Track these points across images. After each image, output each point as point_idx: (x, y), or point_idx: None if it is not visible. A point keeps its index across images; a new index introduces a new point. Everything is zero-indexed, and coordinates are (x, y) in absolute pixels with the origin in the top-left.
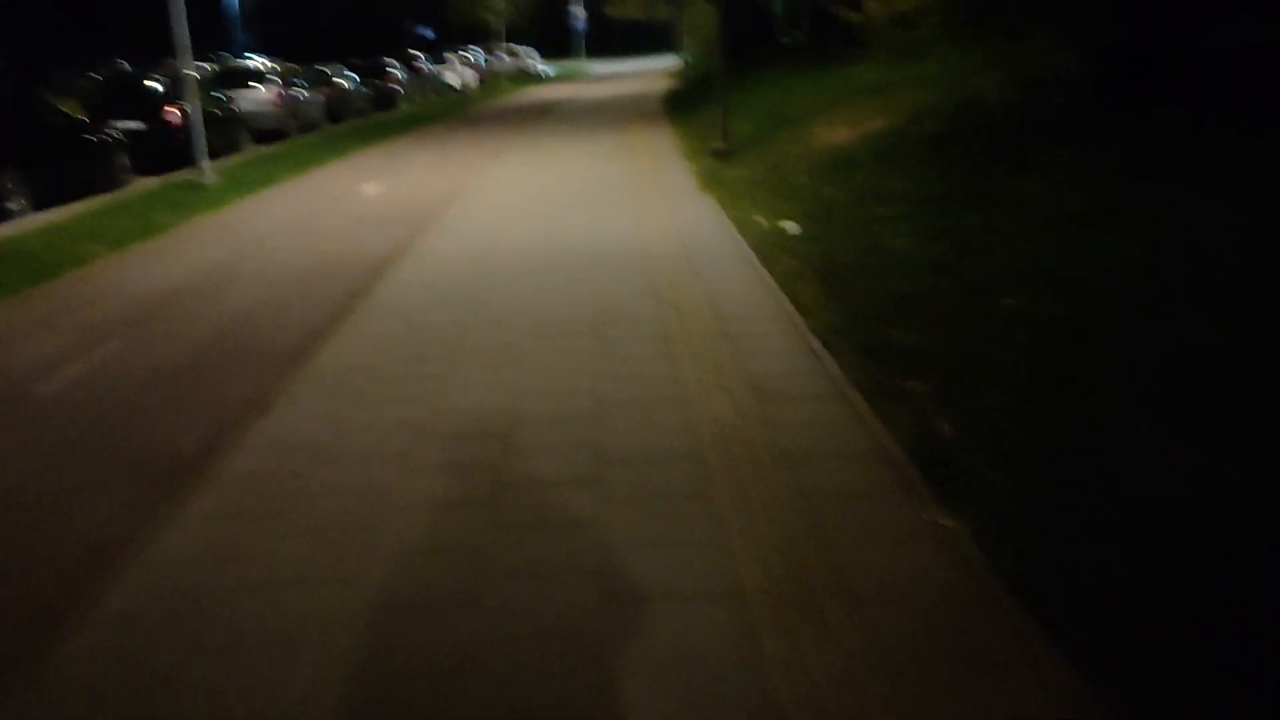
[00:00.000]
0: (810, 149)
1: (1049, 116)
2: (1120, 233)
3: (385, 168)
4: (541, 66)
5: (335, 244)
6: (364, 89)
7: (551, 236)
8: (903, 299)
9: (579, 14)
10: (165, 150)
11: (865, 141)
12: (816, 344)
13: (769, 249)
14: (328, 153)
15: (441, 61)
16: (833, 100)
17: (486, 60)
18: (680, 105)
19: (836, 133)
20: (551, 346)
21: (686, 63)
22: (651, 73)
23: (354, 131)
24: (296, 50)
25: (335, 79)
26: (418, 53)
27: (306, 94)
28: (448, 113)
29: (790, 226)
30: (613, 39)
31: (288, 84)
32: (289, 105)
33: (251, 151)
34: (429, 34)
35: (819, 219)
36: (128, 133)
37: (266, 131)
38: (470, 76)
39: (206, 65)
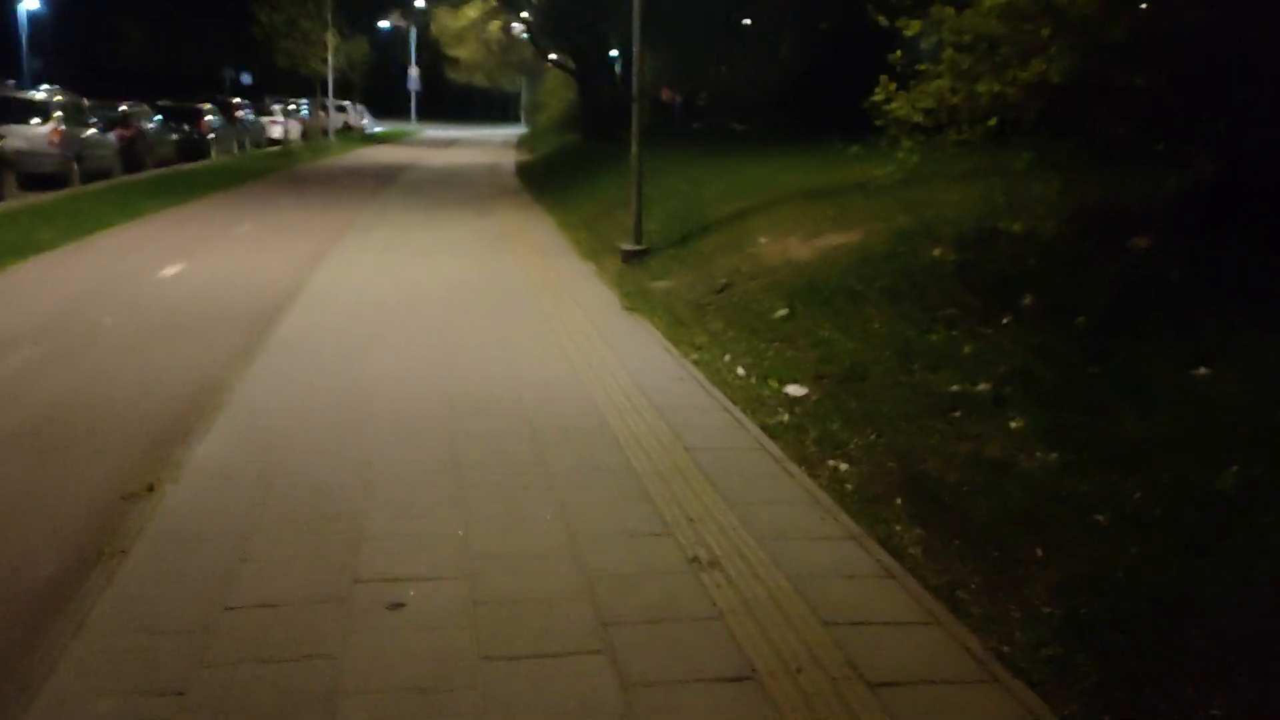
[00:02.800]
0: (762, 265)
1: (1136, 264)
2: None
3: (194, 238)
4: (370, 125)
5: (106, 371)
6: (170, 134)
7: (448, 385)
8: (1087, 585)
9: (415, 74)
10: None
11: (840, 262)
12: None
13: (791, 435)
14: (117, 211)
15: (266, 112)
16: (767, 203)
17: (314, 114)
18: (544, 183)
19: (790, 246)
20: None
21: (531, 134)
22: (493, 142)
23: (155, 184)
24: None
25: (136, 119)
26: (238, 100)
27: (97, 134)
28: (269, 169)
29: (797, 391)
30: (446, 103)
31: (74, 121)
32: (72, 146)
33: (18, 200)
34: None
35: (843, 383)
36: None
37: (42, 176)
38: (294, 129)
39: None
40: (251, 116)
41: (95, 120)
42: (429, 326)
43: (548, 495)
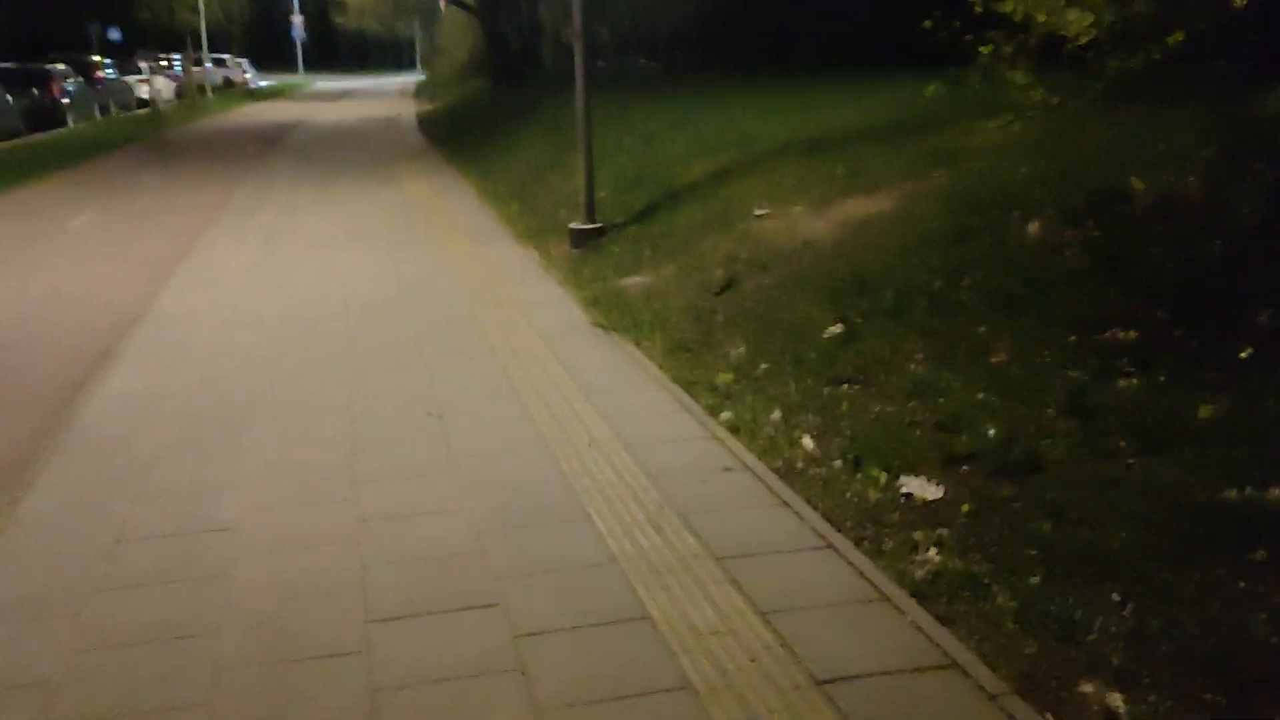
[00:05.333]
0: (769, 248)
1: None
2: None
3: (7, 241)
4: (254, 80)
5: None
6: (11, 101)
7: (362, 545)
8: None
9: (299, 23)
10: None
11: (884, 244)
12: None
13: (979, 618)
14: None
15: (134, 70)
16: (749, 160)
17: (187, 70)
18: (454, 140)
19: (800, 219)
20: None
21: (430, 82)
22: (389, 92)
23: None
24: None
25: None
26: (99, 58)
27: None
28: (133, 137)
29: (926, 490)
30: (336, 53)
31: None
32: None
33: None
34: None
35: (1003, 475)
36: None
37: None
38: (167, 89)
39: None
40: (115, 76)
41: None
42: (325, 389)
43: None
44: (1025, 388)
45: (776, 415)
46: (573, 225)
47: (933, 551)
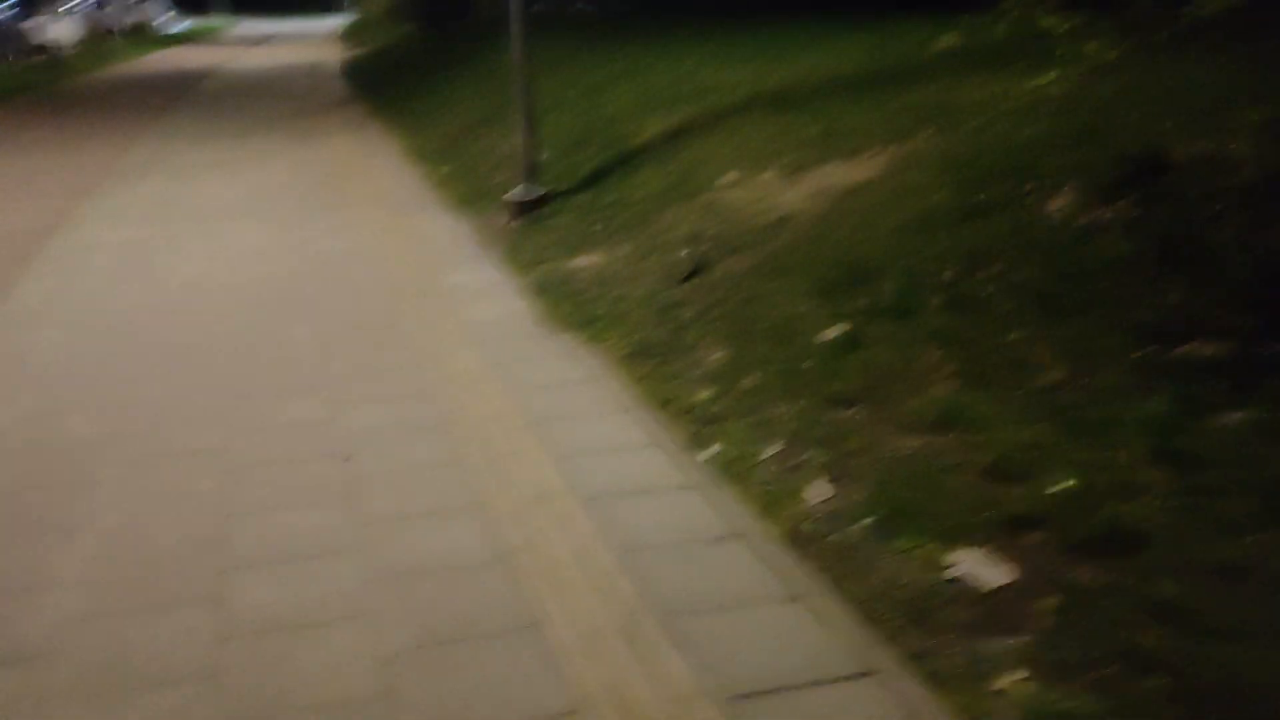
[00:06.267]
0: (741, 222)
1: None
2: None
3: None
4: (169, 23)
5: None
6: None
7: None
8: None
9: None
10: None
11: (878, 220)
12: None
13: None
14: None
15: (34, 11)
16: (708, 116)
17: (95, 11)
18: (379, 89)
19: (773, 187)
20: None
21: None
22: (314, 36)
23: None
24: None
25: None
26: None
27: None
28: (24, 87)
29: (982, 570)
30: None
31: None
32: None
33: None
34: None
35: (1095, 554)
36: None
37: None
38: (70, 32)
39: None
40: (12, 19)
41: None
42: (198, 422)
43: None
44: (1091, 422)
45: (772, 450)
46: (511, 195)
47: (1015, 677)
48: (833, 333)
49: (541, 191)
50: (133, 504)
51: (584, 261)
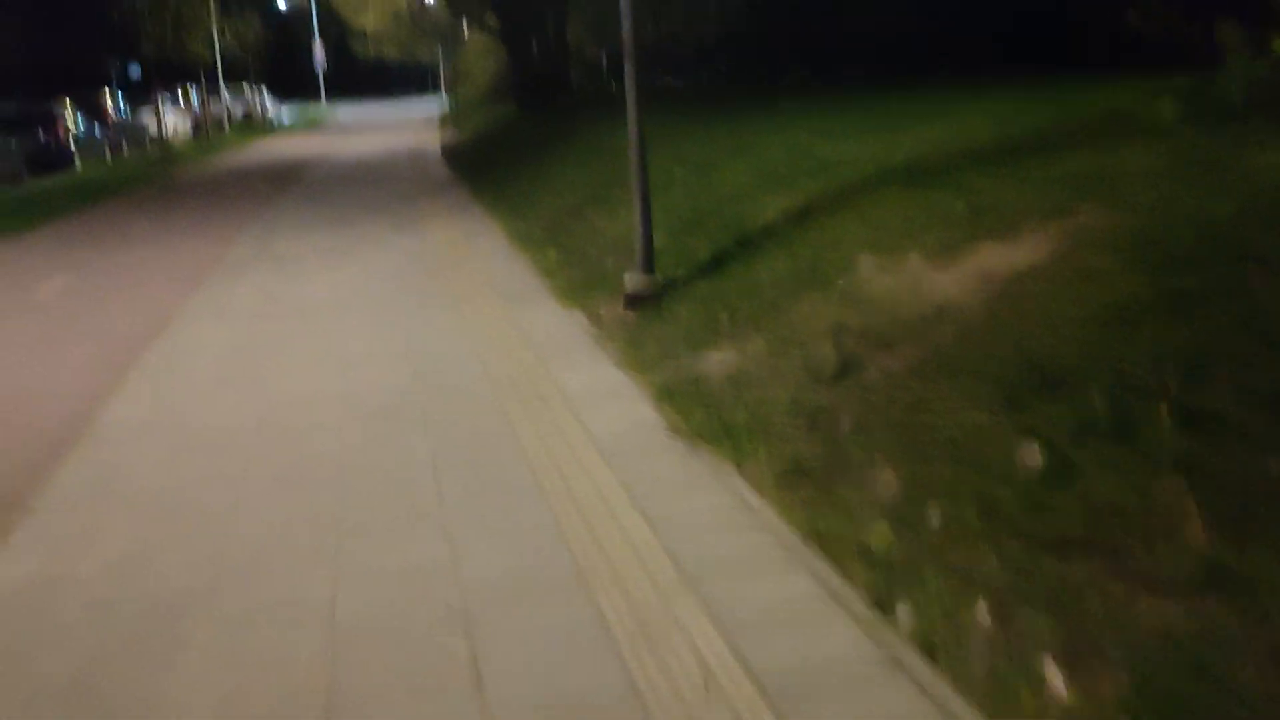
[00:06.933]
0: (890, 314)
1: None
2: None
3: None
4: (275, 110)
5: None
6: (8, 144)
7: None
8: None
9: (320, 51)
10: None
11: (1062, 313)
12: None
13: None
14: None
15: (151, 106)
16: (834, 193)
17: (203, 104)
18: (480, 172)
19: (920, 273)
20: None
21: (454, 110)
22: (413, 121)
23: None
24: None
25: None
26: (111, 95)
27: None
28: (142, 177)
29: None
30: (357, 80)
31: None
32: None
33: None
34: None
35: None
36: None
37: None
38: (182, 124)
39: None
40: (129, 113)
41: None
42: (300, 568)
43: None
44: None
45: (984, 617)
46: (628, 281)
47: None
48: (1031, 455)
49: (659, 279)
50: (224, 677)
51: (713, 359)
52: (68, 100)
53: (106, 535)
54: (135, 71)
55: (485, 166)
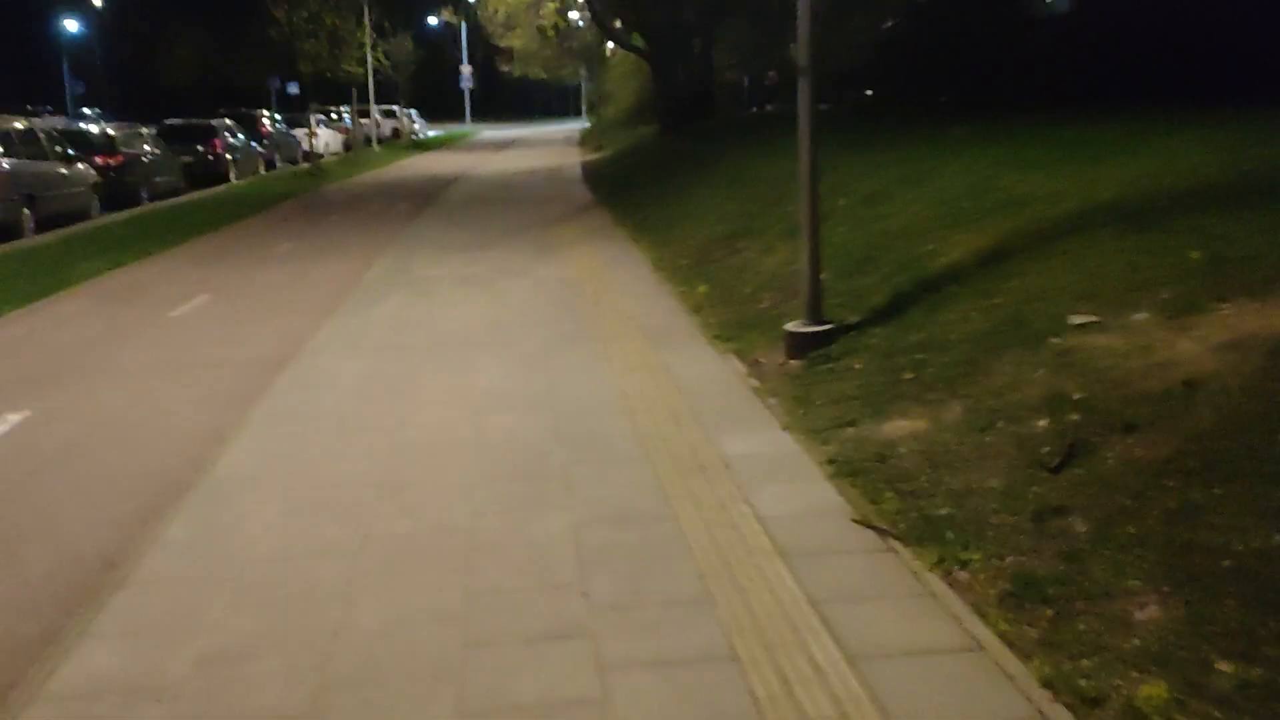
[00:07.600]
0: (1111, 382)
1: None
2: None
3: (104, 329)
4: (422, 129)
5: None
6: (175, 158)
7: None
8: None
9: (467, 72)
10: None
11: None
12: None
13: None
14: (28, 282)
15: (306, 123)
16: (1033, 234)
17: (354, 122)
18: (621, 193)
19: (1154, 334)
20: None
21: (595, 129)
22: (554, 140)
23: (127, 229)
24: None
25: (127, 144)
26: (267, 112)
27: (61, 167)
28: (290, 194)
29: None
30: (502, 101)
31: (25, 153)
32: (18, 186)
33: None
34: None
35: None
36: None
37: None
38: (333, 140)
39: None
40: (282, 130)
41: (64, 149)
42: (418, 690)
43: None
44: None
45: None
46: (790, 327)
47: None
48: None
49: (828, 325)
50: None
51: (900, 428)
52: (226, 117)
53: (202, 623)
54: (293, 89)
55: (627, 189)
